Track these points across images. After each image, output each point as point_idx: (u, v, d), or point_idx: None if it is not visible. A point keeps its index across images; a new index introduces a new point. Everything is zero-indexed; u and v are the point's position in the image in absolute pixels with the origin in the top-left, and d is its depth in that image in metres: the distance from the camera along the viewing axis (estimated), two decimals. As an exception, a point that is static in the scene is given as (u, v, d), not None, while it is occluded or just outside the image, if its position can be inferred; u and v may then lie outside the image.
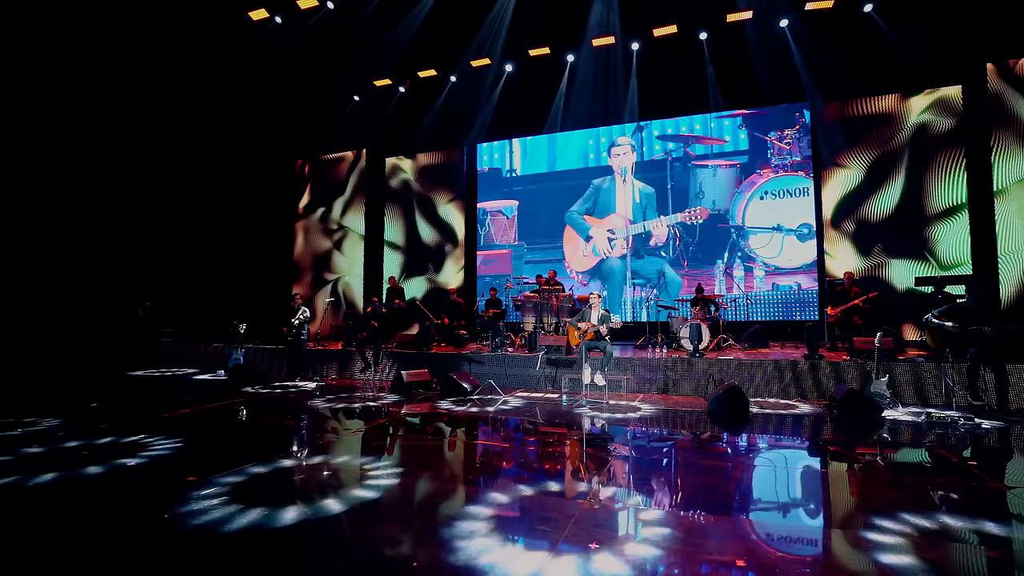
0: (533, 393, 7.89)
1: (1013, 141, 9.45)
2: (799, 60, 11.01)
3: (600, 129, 13.10)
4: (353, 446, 5.02)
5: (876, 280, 10.44)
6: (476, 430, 5.69)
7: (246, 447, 4.99)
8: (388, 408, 6.80)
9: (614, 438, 5.26)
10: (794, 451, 4.95)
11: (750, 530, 3.03)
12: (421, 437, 5.43)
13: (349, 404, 7.03)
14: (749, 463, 4.51)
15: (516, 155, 13.91)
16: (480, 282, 13.85)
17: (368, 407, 6.85)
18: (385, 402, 7.17)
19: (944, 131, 10.23)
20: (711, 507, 3.37)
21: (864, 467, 4.33)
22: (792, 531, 3.06)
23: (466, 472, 4.31)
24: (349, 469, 4.16)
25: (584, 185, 13.23)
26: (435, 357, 9.00)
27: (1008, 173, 9.49)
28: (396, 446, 5.05)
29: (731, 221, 12.00)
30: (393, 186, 14.29)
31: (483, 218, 14.05)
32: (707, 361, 7.64)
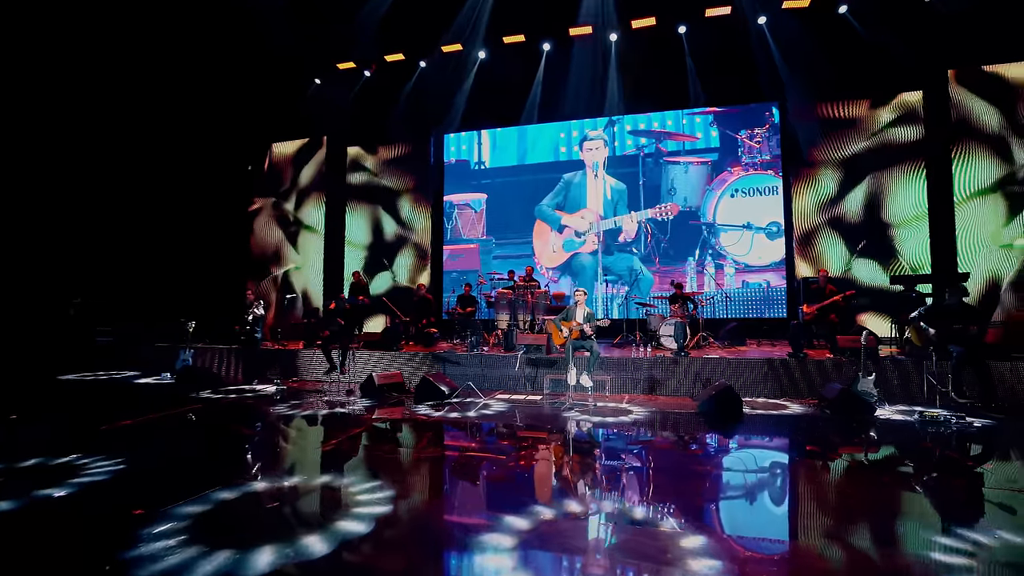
0: (514, 395, 7.42)
1: (973, 147, 9.61)
2: (774, 59, 10.93)
3: (572, 123, 12.73)
4: (330, 462, 4.41)
5: (843, 280, 10.51)
6: (464, 440, 5.17)
7: (204, 467, 4.30)
8: (361, 415, 6.18)
9: (620, 448, 4.85)
10: (814, 462, 4.67)
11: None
12: (405, 449, 4.87)
13: (317, 410, 6.37)
14: (782, 477, 4.19)
15: (485, 147, 13.37)
16: (447, 277, 13.27)
17: (339, 414, 6.21)
18: (356, 408, 6.54)
19: (908, 136, 10.33)
20: (762, 532, 3.00)
21: (895, 479, 4.08)
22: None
23: (467, 494, 3.79)
24: (330, 493, 3.57)
25: (555, 179, 12.84)
26: (406, 357, 8.39)
27: (968, 180, 9.66)
28: (379, 461, 4.48)
29: (702, 218, 11.87)
30: (355, 176, 13.48)
31: (450, 211, 13.46)
32: (692, 360, 7.37)
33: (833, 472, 4.16)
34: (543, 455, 4.57)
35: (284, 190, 13.66)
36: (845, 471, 4.14)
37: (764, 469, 4.29)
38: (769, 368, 7.11)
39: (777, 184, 11.46)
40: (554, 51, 11.41)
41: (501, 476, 3.99)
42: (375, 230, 13.30)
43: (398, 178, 13.31)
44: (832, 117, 10.94)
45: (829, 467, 4.31)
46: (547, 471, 4.14)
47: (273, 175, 13.76)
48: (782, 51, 10.84)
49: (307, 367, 8.83)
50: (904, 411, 6.04)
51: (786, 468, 4.33)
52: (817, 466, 4.39)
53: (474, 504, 3.51)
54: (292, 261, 13.44)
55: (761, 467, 4.35)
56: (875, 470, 4.22)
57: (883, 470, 4.23)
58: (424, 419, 5.92)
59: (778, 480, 4.00)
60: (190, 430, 5.56)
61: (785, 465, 4.44)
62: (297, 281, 13.30)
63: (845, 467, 4.25)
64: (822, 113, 10.94)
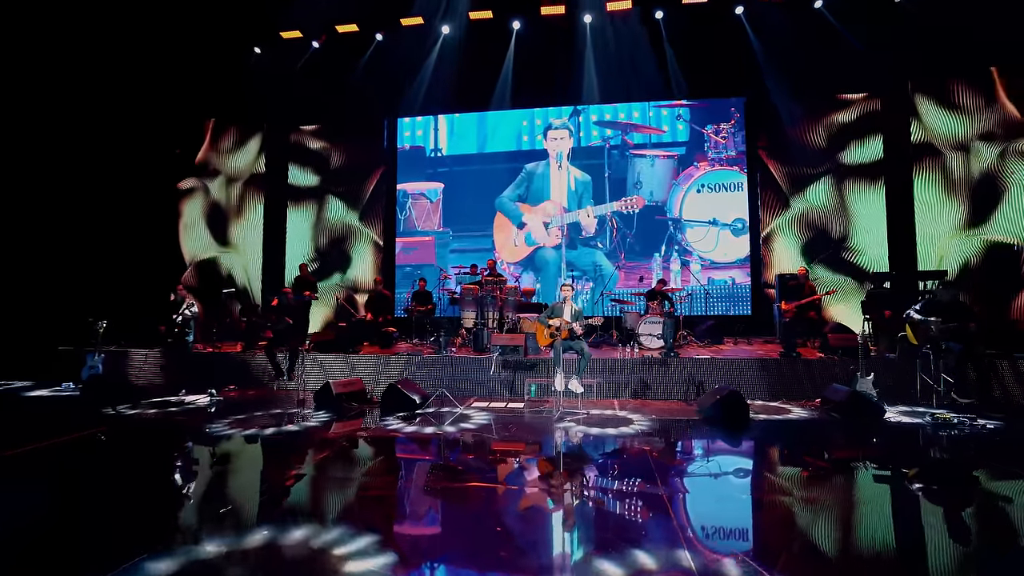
0: (492, 403, 6.57)
1: (930, 157, 9.63)
2: (742, 51, 10.57)
3: (535, 111, 11.96)
4: (296, 504, 3.40)
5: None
6: (457, 465, 4.27)
7: (125, 519, 3.17)
8: (321, 433, 5.13)
9: (645, 471, 4.11)
10: (865, 483, 4.12)
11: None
12: (388, 482, 3.92)
13: (265, 428, 5.24)
14: (855, 508, 3.58)
15: (442, 133, 12.36)
16: (399, 272, 12.16)
17: (293, 433, 5.12)
18: (313, 423, 5.46)
19: (868, 141, 10.28)
20: None
21: (957, 499, 3.57)
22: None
23: (488, 551, 2.90)
24: (310, 562, 2.60)
25: (516, 169, 12.04)
26: (365, 361, 7.34)
27: (926, 186, 9.70)
28: (359, 501, 3.50)
29: (668, 213, 11.44)
30: (299, 160, 12.07)
31: (403, 201, 12.35)
32: (682, 361, 6.80)
33: (896, 497, 3.61)
34: (554, 481, 3.76)
35: (219, 173, 12.02)
36: (902, 493, 3.61)
37: (826, 496, 3.69)
38: (762, 368, 6.64)
39: (742, 180, 11.20)
40: (524, 31, 10.55)
41: (520, 519, 3.15)
42: (321, 218, 11.97)
43: (347, 162, 12.04)
44: (795, 115, 10.77)
45: (888, 489, 3.76)
46: (571, 505, 3.34)
47: (206, 156, 12.08)
48: (753, 44, 10.52)
49: (248, 373, 7.56)
50: (908, 412, 5.71)
51: (850, 495, 3.74)
52: (873, 488, 3.84)
53: (502, 564, 2.65)
54: (229, 254, 11.86)
55: (822, 493, 3.74)
56: (933, 489, 3.71)
57: (939, 489, 3.73)
58: (397, 437, 4.95)
59: (859, 513, 3.39)
60: (95, 460, 4.33)
61: (845, 490, 3.86)
62: (235, 274, 11.73)
63: (899, 488, 3.72)
64: (792, 109, 10.74)
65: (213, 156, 12.02)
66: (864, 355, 6.30)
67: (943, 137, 9.59)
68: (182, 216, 11.91)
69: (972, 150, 9.43)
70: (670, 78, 10.56)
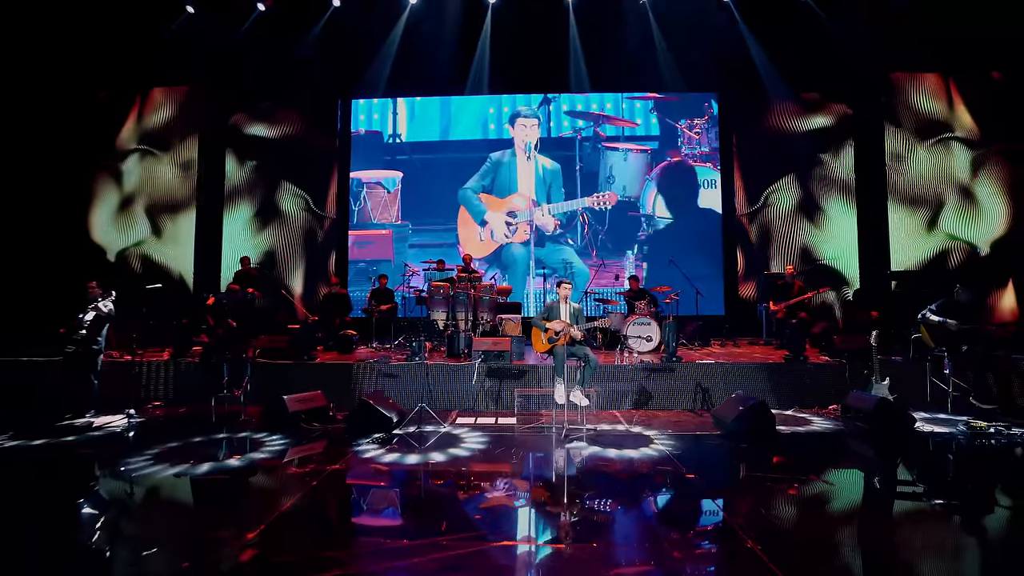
0: (479, 418, 5.59)
1: (900, 155, 9.49)
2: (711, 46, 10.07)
3: (503, 97, 11.01)
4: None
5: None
6: (469, 521, 3.26)
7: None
8: (276, 469, 3.97)
9: (724, 530, 3.21)
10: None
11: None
12: (393, 558, 2.86)
13: (198, 463, 4.01)
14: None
15: (401, 118, 11.18)
16: (352, 268, 10.87)
17: (236, 471, 3.92)
18: (263, 454, 4.26)
19: (838, 141, 10.02)
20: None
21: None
22: None
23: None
24: None
25: (482, 158, 11.05)
26: (324, 370, 6.15)
27: (898, 186, 9.56)
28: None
29: (641, 209, 10.83)
30: (240, 140, 10.47)
31: (358, 191, 11.07)
32: (686, 367, 6.08)
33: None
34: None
35: (144, 151, 10.19)
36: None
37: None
38: (770, 374, 6.03)
39: (715, 178, 10.74)
40: (500, 4, 9.52)
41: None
42: (265, 208, 10.44)
43: (295, 145, 10.58)
44: (763, 113, 10.41)
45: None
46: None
47: (128, 133, 10.21)
48: (718, 42, 10.02)
49: (179, 387, 6.17)
50: (930, 419, 5.22)
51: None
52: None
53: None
54: (156, 242, 10.05)
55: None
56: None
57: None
58: (377, 473, 3.88)
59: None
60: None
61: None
62: (167, 267, 9.91)
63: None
64: (761, 105, 10.36)
65: (137, 133, 10.20)
66: (866, 359, 5.83)
67: (911, 140, 9.48)
68: (98, 200, 10.06)
69: (933, 153, 9.38)
70: (653, 68, 9.90)
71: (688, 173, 10.84)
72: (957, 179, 9.26)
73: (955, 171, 9.28)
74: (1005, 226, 9.08)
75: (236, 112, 10.31)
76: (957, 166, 9.30)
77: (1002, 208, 9.17)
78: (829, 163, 10.09)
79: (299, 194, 10.56)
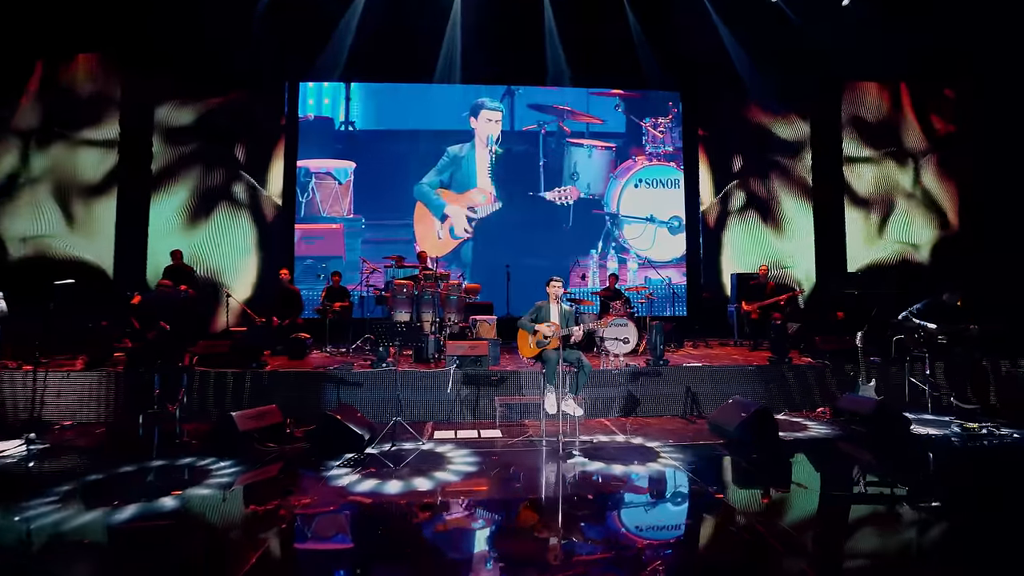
0: (459, 430, 4.97)
1: (855, 160, 9.67)
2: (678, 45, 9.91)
3: (465, 87, 10.34)
4: None
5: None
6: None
7: None
8: (234, 504, 3.20)
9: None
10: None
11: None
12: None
13: (129, 501, 3.17)
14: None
15: (354, 103, 10.30)
16: (298, 265, 9.87)
17: (173, 516, 3.11)
18: (207, 488, 3.44)
19: (798, 145, 10.10)
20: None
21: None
22: None
23: None
24: None
25: (441, 150, 10.36)
26: (276, 380, 5.32)
27: (853, 190, 9.75)
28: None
29: (606, 208, 10.51)
30: (169, 119, 9.19)
31: (305, 181, 10.09)
32: (674, 371, 5.73)
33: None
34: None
35: (54, 127, 8.69)
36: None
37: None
38: (757, 377, 5.79)
39: (679, 177, 10.60)
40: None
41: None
42: (197, 196, 9.23)
43: (234, 129, 9.44)
44: (733, 111, 10.39)
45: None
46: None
47: (32, 105, 8.65)
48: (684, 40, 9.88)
49: (96, 402, 5.14)
50: (918, 420, 5.11)
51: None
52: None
53: None
54: (70, 234, 8.58)
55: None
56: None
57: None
58: (359, 506, 3.21)
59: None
60: None
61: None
62: (84, 260, 8.46)
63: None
64: (724, 106, 10.32)
65: (44, 105, 8.70)
66: (846, 360, 5.74)
67: (865, 146, 9.69)
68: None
69: (885, 160, 9.63)
70: (621, 63, 9.57)
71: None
72: (905, 186, 9.54)
73: (904, 177, 9.56)
74: (946, 230, 9.45)
75: (166, 87, 9.05)
76: (905, 173, 9.59)
77: (941, 213, 9.55)
78: (788, 166, 10.15)
79: (239, 182, 9.46)
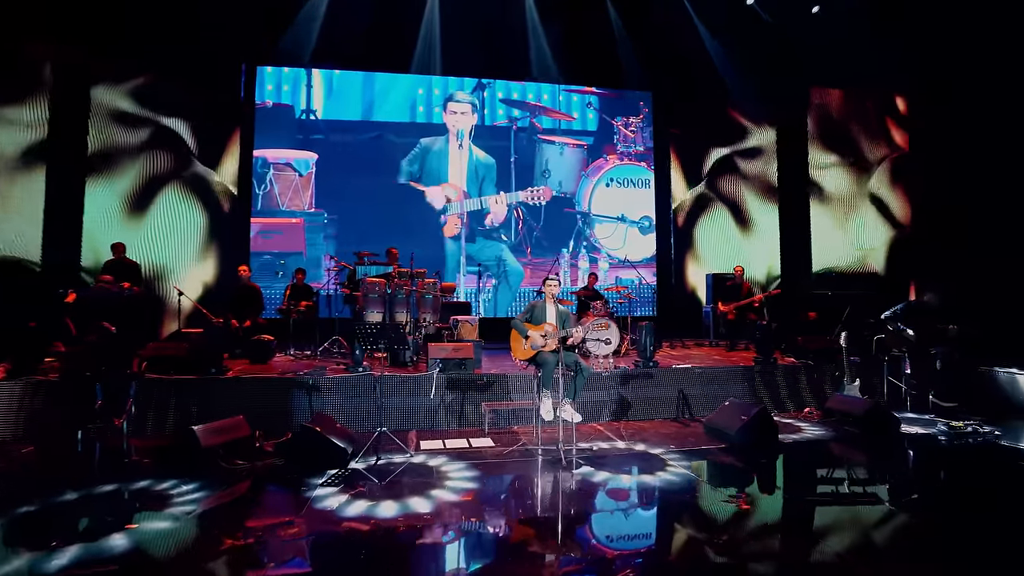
0: (447, 440, 4.58)
1: (821, 165, 9.82)
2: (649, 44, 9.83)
3: (434, 78, 9.90)
4: None
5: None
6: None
7: None
8: (207, 537, 2.70)
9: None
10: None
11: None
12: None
13: (72, 541, 2.61)
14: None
15: (317, 91, 9.65)
16: (255, 261, 9.13)
17: (140, 553, 2.58)
18: (167, 521, 2.91)
19: (765, 149, 10.19)
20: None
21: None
22: None
23: None
24: None
25: (410, 144, 9.88)
26: (240, 387, 4.74)
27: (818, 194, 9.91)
28: None
29: (577, 206, 10.32)
30: (111, 100, 8.22)
31: (263, 172, 9.36)
32: (665, 372, 5.55)
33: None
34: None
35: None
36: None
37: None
38: (745, 378, 5.69)
39: (650, 177, 10.55)
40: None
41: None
42: (141, 185, 8.35)
43: (182, 113, 8.61)
44: (703, 113, 10.41)
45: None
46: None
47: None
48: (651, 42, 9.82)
49: (22, 417, 4.40)
50: (904, 419, 5.13)
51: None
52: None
53: None
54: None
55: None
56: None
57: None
58: (355, 534, 2.78)
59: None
60: None
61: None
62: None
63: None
64: (694, 108, 10.33)
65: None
66: (827, 360, 5.75)
67: (829, 151, 9.88)
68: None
69: (848, 165, 9.86)
70: (594, 60, 9.39)
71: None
72: (868, 190, 9.79)
73: (865, 182, 9.80)
74: (900, 231, 9.75)
75: (105, 61, 8.10)
76: (865, 178, 9.83)
77: (897, 217, 9.88)
78: (756, 168, 10.20)
79: (190, 170, 8.65)
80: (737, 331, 7.49)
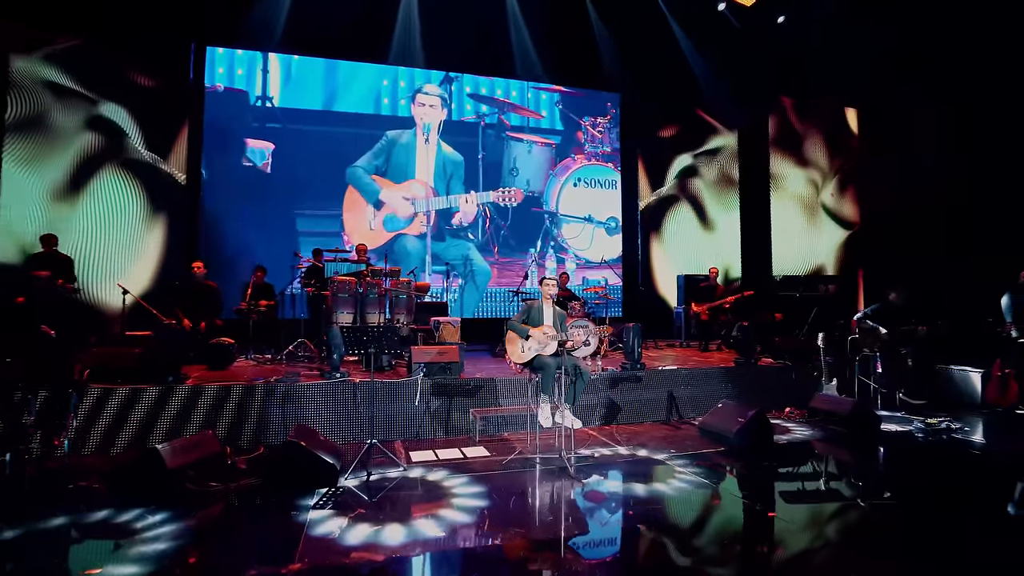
0: (438, 449, 4.24)
1: (783, 176, 10.10)
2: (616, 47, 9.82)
3: (400, 69, 9.47)
4: None
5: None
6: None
7: None
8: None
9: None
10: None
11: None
12: None
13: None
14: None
15: (274, 77, 8.98)
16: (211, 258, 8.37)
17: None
18: (144, 556, 2.47)
19: (727, 153, 10.38)
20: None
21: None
22: None
23: None
24: None
25: (373, 137, 9.38)
26: (202, 397, 4.21)
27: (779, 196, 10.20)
28: None
29: (545, 206, 10.16)
30: (34, 74, 7.27)
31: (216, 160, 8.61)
32: (649, 374, 5.44)
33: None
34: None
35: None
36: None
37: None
38: (728, 379, 5.67)
39: (616, 178, 10.54)
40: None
41: None
42: (77, 176, 7.43)
43: (124, 97, 7.74)
44: (668, 116, 10.52)
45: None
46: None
47: None
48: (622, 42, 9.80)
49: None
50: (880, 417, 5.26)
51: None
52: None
53: None
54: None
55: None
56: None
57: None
58: (367, 563, 2.44)
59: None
60: None
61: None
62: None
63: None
64: (660, 110, 10.41)
65: None
66: (802, 359, 5.85)
67: (790, 156, 10.19)
68: None
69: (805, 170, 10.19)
70: (561, 58, 9.23)
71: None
72: (826, 194, 10.15)
73: (824, 187, 10.15)
74: (852, 231, 10.17)
75: (24, 28, 7.18)
76: (827, 184, 10.18)
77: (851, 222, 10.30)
78: (720, 170, 10.37)
79: (131, 154, 7.81)
80: (708, 332, 7.54)
